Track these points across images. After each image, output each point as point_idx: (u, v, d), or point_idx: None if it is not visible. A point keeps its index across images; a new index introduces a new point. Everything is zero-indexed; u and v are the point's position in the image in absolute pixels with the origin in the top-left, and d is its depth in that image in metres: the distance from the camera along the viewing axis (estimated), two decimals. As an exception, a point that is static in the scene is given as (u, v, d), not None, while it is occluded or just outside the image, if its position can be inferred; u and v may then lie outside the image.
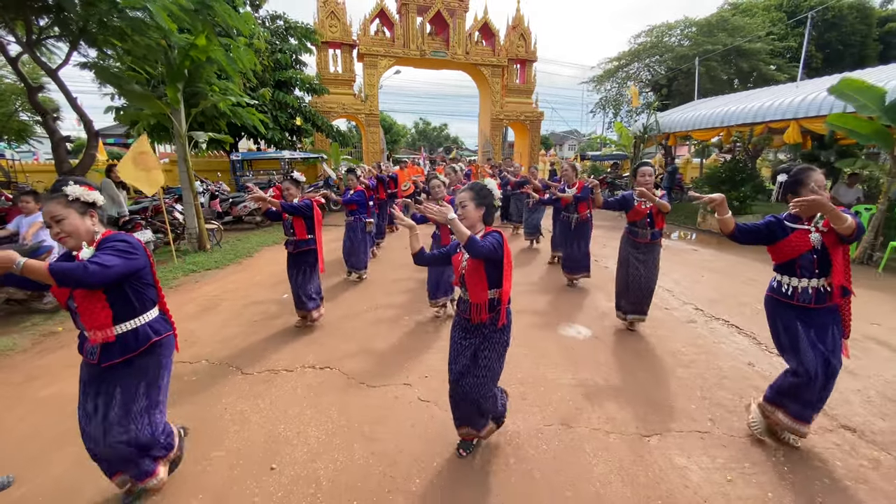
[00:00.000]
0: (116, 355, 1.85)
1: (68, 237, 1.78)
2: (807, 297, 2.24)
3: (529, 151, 19.44)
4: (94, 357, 1.85)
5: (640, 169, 3.82)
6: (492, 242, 2.00)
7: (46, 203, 1.78)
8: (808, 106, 7.30)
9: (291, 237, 3.97)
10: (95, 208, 1.87)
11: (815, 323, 2.24)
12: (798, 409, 2.30)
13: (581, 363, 3.44)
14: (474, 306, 2.12)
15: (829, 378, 2.21)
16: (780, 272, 2.35)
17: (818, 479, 2.18)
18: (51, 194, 1.79)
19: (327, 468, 2.27)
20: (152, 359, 1.95)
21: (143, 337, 1.90)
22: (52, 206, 1.76)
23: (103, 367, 1.86)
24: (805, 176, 2.19)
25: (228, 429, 2.60)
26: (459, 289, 2.22)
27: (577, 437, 2.51)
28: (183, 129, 7.03)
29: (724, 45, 12.79)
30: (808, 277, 2.23)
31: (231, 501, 2.06)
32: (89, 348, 1.86)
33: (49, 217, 1.76)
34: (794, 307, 2.27)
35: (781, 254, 2.30)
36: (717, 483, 2.16)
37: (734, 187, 9.09)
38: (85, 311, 1.79)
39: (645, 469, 2.26)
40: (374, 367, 3.39)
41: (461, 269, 2.15)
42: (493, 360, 2.18)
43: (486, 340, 2.16)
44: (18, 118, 13.59)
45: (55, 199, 1.77)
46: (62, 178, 1.85)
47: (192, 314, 4.61)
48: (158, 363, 1.97)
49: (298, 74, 13.90)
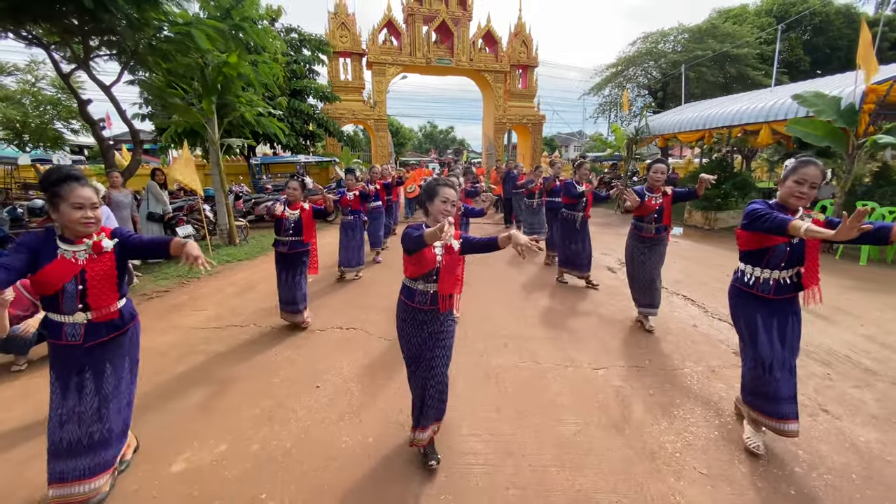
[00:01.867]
0: (103, 334, 1.97)
1: (95, 222, 1.92)
2: (767, 288, 2.24)
3: (532, 153, 20.23)
4: (78, 338, 1.92)
5: (654, 165, 3.87)
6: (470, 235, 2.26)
7: (80, 188, 1.86)
8: (777, 110, 8.04)
9: (290, 238, 3.99)
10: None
11: (776, 314, 2.25)
12: (772, 407, 2.26)
13: (554, 324, 4.26)
14: (443, 297, 2.16)
15: (788, 371, 2.23)
16: (747, 261, 2.33)
17: (718, 392, 2.97)
18: (79, 181, 1.87)
19: (357, 386, 3.11)
20: (132, 337, 2.13)
21: (128, 315, 2.09)
22: (88, 192, 1.88)
23: (87, 346, 1.94)
24: (800, 166, 2.13)
25: (282, 366, 3.45)
26: (417, 282, 2.18)
27: (543, 370, 3.33)
28: (216, 137, 7.95)
29: (713, 51, 13.52)
30: (773, 269, 2.22)
31: (289, 404, 2.90)
32: (69, 330, 1.91)
33: (88, 201, 1.88)
34: (756, 297, 2.28)
35: (758, 241, 2.23)
36: (641, 395, 2.96)
37: (717, 185, 9.81)
38: (99, 290, 1.93)
39: (590, 387, 3.07)
40: (388, 325, 4.22)
41: (437, 262, 2.14)
42: (451, 343, 2.32)
43: (443, 324, 2.24)
44: (53, 127, 14.67)
45: (89, 186, 1.90)
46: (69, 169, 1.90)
47: (234, 294, 5.48)
48: (135, 342, 2.17)
49: (312, 84, 14.83)
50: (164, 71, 7.21)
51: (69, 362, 1.94)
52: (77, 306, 1.89)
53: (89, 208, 1.86)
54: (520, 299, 5.08)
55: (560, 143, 47.07)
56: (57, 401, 1.93)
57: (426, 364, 2.22)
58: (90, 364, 1.96)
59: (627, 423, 2.65)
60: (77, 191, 1.83)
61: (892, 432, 2.54)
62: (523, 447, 2.44)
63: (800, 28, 15.93)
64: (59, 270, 1.85)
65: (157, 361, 3.55)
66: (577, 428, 2.62)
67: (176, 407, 2.90)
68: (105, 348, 1.99)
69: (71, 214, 1.84)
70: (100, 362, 1.98)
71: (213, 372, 3.37)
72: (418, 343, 2.22)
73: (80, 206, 1.84)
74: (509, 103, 19.73)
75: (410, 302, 2.21)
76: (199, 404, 2.93)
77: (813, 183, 2.10)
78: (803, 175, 2.11)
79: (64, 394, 1.93)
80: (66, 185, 1.82)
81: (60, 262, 1.86)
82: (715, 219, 9.81)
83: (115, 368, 2.03)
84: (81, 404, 1.95)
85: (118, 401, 2.07)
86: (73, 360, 1.94)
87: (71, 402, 1.94)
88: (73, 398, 1.94)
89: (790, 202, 2.18)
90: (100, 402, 1.98)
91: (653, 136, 11.99)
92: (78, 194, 1.83)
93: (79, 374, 1.95)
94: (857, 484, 2.14)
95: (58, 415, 1.92)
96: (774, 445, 2.42)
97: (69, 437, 1.92)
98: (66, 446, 1.92)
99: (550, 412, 2.78)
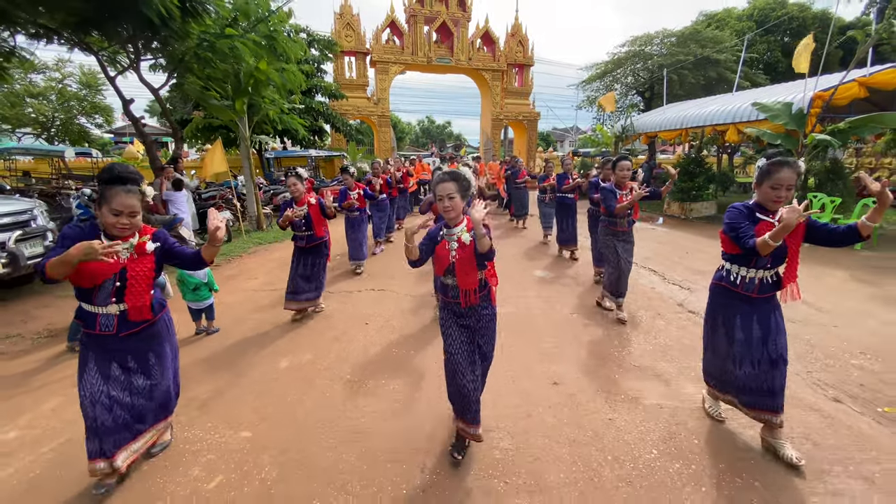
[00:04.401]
0: (135, 325, 2.05)
1: (132, 228, 1.96)
2: (752, 287, 2.26)
3: (527, 149, 21.30)
4: (111, 328, 2.00)
5: (619, 163, 4.02)
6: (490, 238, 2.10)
7: (124, 195, 1.88)
8: (741, 113, 9.16)
9: (304, 233, 4.20)
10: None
11: (756, 311, 2.28)
12: (748, 399, 2.34)
13: (541, 288, 5.38)
14: (464, 292, 2.17)
15: (775, 367, 2.25)
16: (732, 262, 2.34)
17: (657, 326, 4.10)
18: (129, 188, 1.90)
19: (398, 323, 4.22)
20: (167, 323, 2.27)
21: (158, 306, 2.18)
22: (131, 200, 1.90)
23: (121, 336, 2.03)
24: (773, 170, 2.13)
25: (333, 314, 4.55)
26: (443, 278, 2.26)
27: (531, 314, 4.45)
28: (247, 134, 8.96)
29: (695, 55, 14.63)
30: (760, 269, 2.23)
31: (350, 333, 4.01)
32: (104, 321, 1.98)
33: (127, 210, 1.89)
34: (739, 296, 2.31)
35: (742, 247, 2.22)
36: (603, 326, 4.08)
37: (692, 178, 10.95)
38: (136, 288, 2.00)
39: (557, 317, 4.19)
40: (413, 287, 5.31)
41: (451, 258, 2.18)
42: (491, 339, 2.35)
43: (480, 320, 2.27)
44: (78, 122, 15.53)
45: (133, 193, 1.91)
46: (130, 171, 1.93)
47: (276, 267, 6.55)
48: (170, 328, 2.31)
49: (321, 82, 15.78)
50: (205, 76, 8.19)
51: (108, 351, 2.03)
52: (111, 300, 1.96)
53: (126, 216, 1.90)
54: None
55: (555, 138, 48.21)
56: (98, 386, 2.00)
57: (465, 359, 2.23)
58: (131, 352, 2.09)
59: (591, 342, 3.78)
60: (119, 198, 1.87)
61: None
62: (522, 353, 3.56)
63: (779, 32, 17.07)
64: (101, 267, 1.89)
65: (236, 310, 4.64)
66: (554, 343, 3.75)
67: (266, 337, 4.00)
68: (140, 337, 2.10)
69: (108, 218, 1.89)
70: (140, 350, 2.12)
71: (284, 315, 4.45)
72: (456, 336, 2.25)
73: (118, 213, 1.88)
74: (506, 101, 20.73)
75: (445, 297, 2.28)
76: (284, 334, 4.03)
77: (789, 185, 2.10)
78: (777, 180, 2.11)
79: (106, 380, 2.03)
80: (113, 188, 1.87)
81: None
82: (690, 209, 10.93)
83: (158, 355, 2.18)
84: (129, 388, 2.09)
85: (164, 382, 2.24)
86: (111, 348, 2.03)
87: (114, 388, 2.04)
88: (117, 384, 2.05)
89: (769, 206, 2.19)
90: (151, 386, 2.16)
91: (637, 133, 13.11)
92: (119, 201, 1.87)
93: (120, 362, 2.06)
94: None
95: (101, 399, 2.00)
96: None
97: (113, 419, 2.02)
98: (112, 425, 2.02)
99: (535, 338, 3.90)
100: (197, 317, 4.09)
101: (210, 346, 3.82)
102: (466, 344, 2.26)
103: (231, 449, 2.44)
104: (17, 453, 2.44)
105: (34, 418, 2.78)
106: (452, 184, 2.14)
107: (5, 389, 3.14)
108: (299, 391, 3.06)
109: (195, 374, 3.29)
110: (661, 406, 2.81)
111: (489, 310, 2.30)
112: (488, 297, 2.29)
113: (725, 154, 17.10)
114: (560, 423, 2.64)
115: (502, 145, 21.40)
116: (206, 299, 4.03)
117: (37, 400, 2.99)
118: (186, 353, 3.58)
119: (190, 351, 3.71)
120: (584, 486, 2.15)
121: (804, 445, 2.40)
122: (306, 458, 2.36)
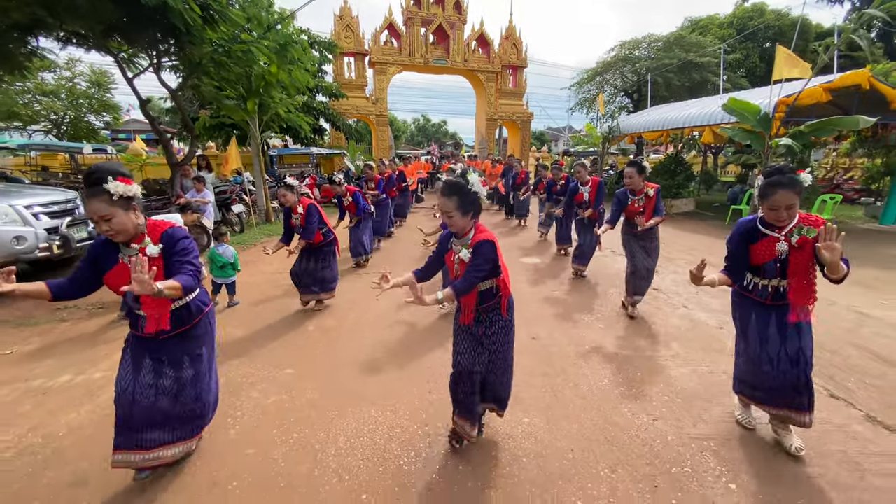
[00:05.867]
0: (172, 329, 2.00)
1: (118, 234, 1.82)
2: (765, 294, 2.26)
3: (521, 148, 22.02)
4: (144, 330, 1.96)
5: (626, 170, 4.04)
6: (488, 260, 2.00)
7: (90, 202, 1.74)
8: (716, 116, 9.93)
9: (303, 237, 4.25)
10: (136, 200, 1.86)
11: (774, 313, 2.26)
12: (762, 396, 2.35)
13: (534, 275, 6.09)
14: (464, 306, 2.16)
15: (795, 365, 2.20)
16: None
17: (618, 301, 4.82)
18: (91, 189, 1.74)
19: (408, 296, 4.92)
20: (204, 327, 2.16)
21: (196, 310, 2.10)
22: (97, 205, 1.73)
23: (160, 339, 2.00)
24: (768, 192, 2.08)
25: (348, 287, 5.23)
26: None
27: (528, 295, 5.16)
28: (257, 132, 9.60)
29: (679, 59, 15.44)
30: (770, 279, 2.23)
31: (362, 303, 4.71)
32: (142, 322, 1.97)
33: (96, 216, 1.75)
34: (753, 301, 2.32)
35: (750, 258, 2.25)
36: (577, 300, 4.81)
37: (672, 176, 11.73)
38: (150, 300, 1.89)
39: (548, 300, 4.91)
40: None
41: (454, 268, 2.14)
42: (504, 347, 2.24)
43: (490, 327, 2.19)
44: (87, 120, 16.01)
45: (98, 196, 1.74)
46: (97, 169, 1.77)
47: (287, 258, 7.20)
48: (209, 331, 2.21)
49: (322, 82, 16.39)
50: (220, 78, 8.81)
51: (144, 350, 2.02)
52: (137, 305, 1.95)
53: (102, 222, 1.76)
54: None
55: (550, 137, 49.03)
56: (127, 380, 1.99)
57: (467, 369, 2.16)
58: (166, 354, 2.04)
59: (569, 312, 4.51)
60: (88, 204, 1.76)
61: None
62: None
63: (758, 38, 17.94)
64: (118, 278, 1.86)
65: (261, 288, 5.32)
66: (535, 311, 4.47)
67: (291, 307, 4.69)
68: (176, 341, 2.05)
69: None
70: (175, 353, 2.06)
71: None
72: (461, 343, 2.21)
73: (93, 220, 1.78)
74: (500, 101, 21.43)
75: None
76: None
77: (788, 206, 2.04)
78: (774, 202, 2.06)
79: (136, 376, 2.00)
80: (87, 193, 1.77)
81: (121, 269, 1.88)
82: (671, 205, 11.71)
83: (192, 360, 2.11)
84: (158, 388, 2.02)
85: (197, 387, 2.15)
86: (147, 348, 2.02)
87: (143, 384, 2.00)
88: (147, 382, 2.00)
89: (774, 223, 2.17)
90: (178, 389, 2.08)
91: (623, 134, 13.89)
92: (88, 208, 1.76)
93: (154, 362, 2.03)
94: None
95: (125, 391, 1.98)
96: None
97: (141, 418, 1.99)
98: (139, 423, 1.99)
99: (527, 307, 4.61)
100: (217, 290, 4.74)
101: (242, 315, 4.50)
102: (471, 354, 2.18)
103: (279, 380, 3.14)
104: (105, 388, 3.11)
105: (112, 363, 3.44)
106: (452, 200, 2.00)
107: (80, 345, 3.80)
108: (327, 344, 3.77)
109: (238, 336, 3.97)
110: (616, 354, 3.55)
111: (500, 320, 2.20)
112: (498, 306, 2.19)
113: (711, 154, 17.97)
114: (534, 364, 3.36)
115: (497, 144, 22.13)
116: (230, 276, 4.70)
117: (109, 351, 3.65)
118: (222, 321, 4.26)
119: (225, 319, 4.39)
120: (550, 400, 2.87)
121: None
122: (339, 385, 3.08)
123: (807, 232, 2.09)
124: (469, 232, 2.11)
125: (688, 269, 2.49)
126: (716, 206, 12.31)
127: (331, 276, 4.56)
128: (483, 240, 2.02)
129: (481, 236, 2.06)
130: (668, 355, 3.51)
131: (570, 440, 2.46)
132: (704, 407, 2.78)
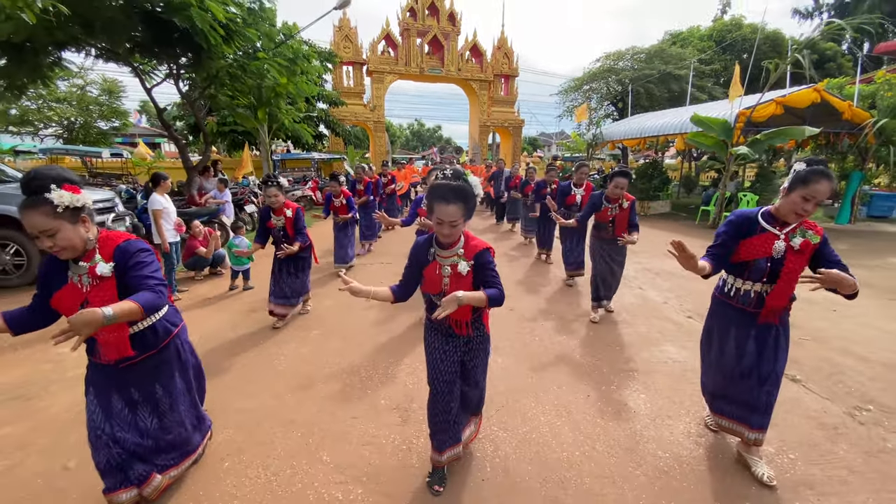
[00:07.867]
0: (137, 354, 1.76)
1: (63, 250, 1.59)
2: (748, 301, 2.12)
3: (512, 153, 23.00)
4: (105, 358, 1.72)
5: (615, 179, 3.94)
6: (495, 271, 1.85)
7: (28, 214, 1.51)
8: (686, 125, 10.90)
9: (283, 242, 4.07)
10: (86, 211, 1.63)
11: (754, 326, 2.12)
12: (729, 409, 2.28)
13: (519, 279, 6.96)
14: (456, 322, 1.93)
15: (763, 384, 2.14)
16: (728, 271, 2.21)
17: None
18: (31, 200, 1.51)
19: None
20: (174, 350, 1.93)
21: (164, 332, 1.86)
22: (36, 220, 1.50)
23: (120, 367, 1.75)
24: (811, 179, 1.87)
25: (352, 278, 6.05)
26: (432, 296, 1.97)
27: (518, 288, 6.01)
28: (267, 139, 10.41)
29: (659, 70, 16.49)
30: (754, 282, 2.09)
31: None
32: (100, 349, 1.71)
33: (35, 230, 1.51)
34: (734, 308, 2.17)
35: (737, 254, 2.10)
36: (559, 304, 5.66)
37: (648, 180, 12.67)
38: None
39: (533, 293, 5.76)
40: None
41: (443, 285, 1.88)
42: (482, 365, 2.11)
43: (470, 342, 2.02)
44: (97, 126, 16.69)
45: (38, 209, 1.50)
46: (37, 176, 1.53)
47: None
48: (180, 354, 1.97)
49: (323, 91, 17.23)
50: (233, 89, 9.62)
51: (110, 383, 1.78)
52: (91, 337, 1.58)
53: (45, 238, 1.54)
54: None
55: (543, 142, 50.21)
56: (98, 421, 1.75)
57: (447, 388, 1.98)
58: (134, 385, 1.82)
59: (548, 304, 5.35)
60: (26, 217, 1.52)
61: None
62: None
63: (735, 50, 19.05)
64: (67, 300, 1.65)
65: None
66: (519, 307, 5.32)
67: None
68: (143, 368, 1.82)
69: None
70: (145, 383, 1.84)
71: (316, 278, 5.92)
72: (439, 361, 1.99)
73: (33, 236, 1.54)
74: (493, 108, 22.41)
75: (430, 315, 2.02)
76: (318, 288, 5.54)
77: (819, 201, 1.89)
78: (814, 191, 1.88)
79: (107, 415, 1.77)
80: (24, 204, 1.53)
81: (69, 290, 1.67)
82: (648, 207, 12.64)
83: (164, 387, 1.90)
84: (135, 426, 1.83)
85: (177, 414, 1.95)
86: (111, 379, 1.78)
87: (117, 425, 1.77)
88: (121, 420, 1.79)
89: (789, 218, 1.99)
90: (159, 419, 1.89)
91: (605, 141, 14.86)
92: (26, 222, 1.53)
93: (123, 395, 1.80)
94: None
95: (99, 435, 1.74)
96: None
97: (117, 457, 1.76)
98: (118, 464, 1.77)
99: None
100: (235, 276, 5.58)
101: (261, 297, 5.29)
102: (451, 373, 1.99)
103: (308, 338, 3.96)
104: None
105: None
106: (459, 207, 1.72)
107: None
108: (342, 314, 4.59)
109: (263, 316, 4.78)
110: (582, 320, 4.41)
111: (482, 332, 2.04)
112: (481, 318, 2.02)
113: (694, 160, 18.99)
114: (511, 329, 4.21)
115: (489, 150, 23.07)
116: (245, 265, 5.52)
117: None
118: (234, 303, 5.07)
119: (239, 301, 5.20)
120: (520, 350, 3.72)
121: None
122: (356, 341, 3.89)
123: (811, 237, 1.98)
124: (458, 241, 1.87)
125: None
126: (691, 207, 13.25)
127: (302, 286, 4.40)
128: (484, 248, 1.86)
129: (477, 244, 1.88)
130: (620, 320, 4.36)
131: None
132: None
